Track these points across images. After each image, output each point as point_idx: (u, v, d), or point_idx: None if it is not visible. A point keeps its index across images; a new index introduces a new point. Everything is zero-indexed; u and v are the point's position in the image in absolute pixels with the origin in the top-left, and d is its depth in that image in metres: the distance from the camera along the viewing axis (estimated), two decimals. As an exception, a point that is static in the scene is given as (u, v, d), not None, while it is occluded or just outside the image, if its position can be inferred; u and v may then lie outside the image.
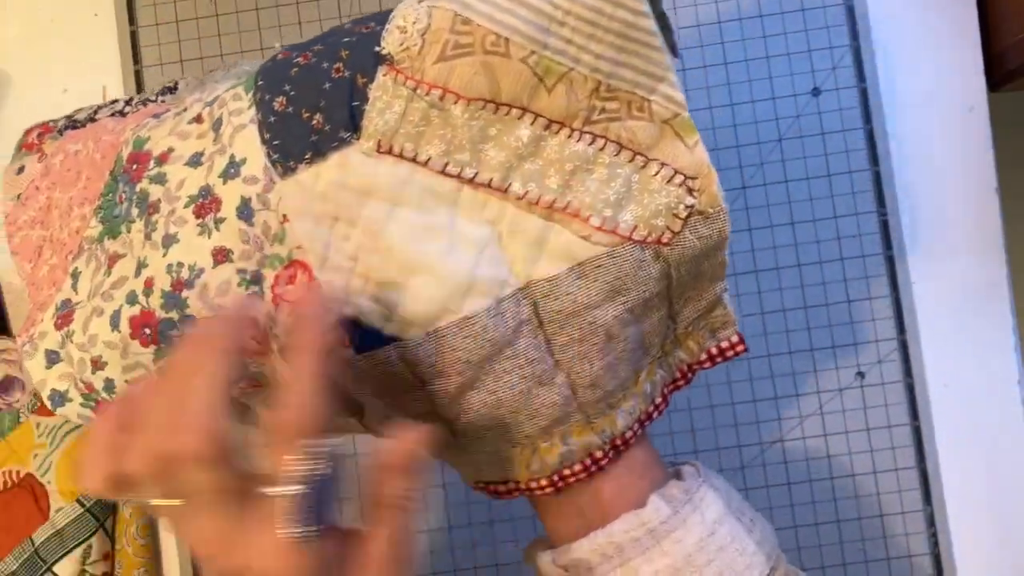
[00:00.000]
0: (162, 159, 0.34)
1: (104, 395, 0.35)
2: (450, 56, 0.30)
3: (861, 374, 0.48)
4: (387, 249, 0.31)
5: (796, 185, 0.48)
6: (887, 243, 0.48)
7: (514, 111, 0.30)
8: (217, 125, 0.33)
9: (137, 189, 0.34)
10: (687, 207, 0.31)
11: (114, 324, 0.33)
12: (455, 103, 0.30)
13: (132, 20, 0.51)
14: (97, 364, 0.34)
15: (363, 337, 0.31)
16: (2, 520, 0.49)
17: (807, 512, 0.47)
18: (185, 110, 0.35)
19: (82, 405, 0.35)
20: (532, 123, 0.30)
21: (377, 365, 0.32)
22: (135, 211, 0.34)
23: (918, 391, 0.47)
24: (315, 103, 0.31)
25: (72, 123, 0.39)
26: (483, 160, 0.31)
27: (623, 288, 0.31)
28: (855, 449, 0.48)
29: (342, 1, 0.50)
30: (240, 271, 0.31)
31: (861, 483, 0.47)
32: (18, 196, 0.39)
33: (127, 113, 0.38)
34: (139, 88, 0.51)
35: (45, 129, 0.39)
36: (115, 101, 0.39)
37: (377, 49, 0.31)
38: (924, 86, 0.48)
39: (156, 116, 0.36)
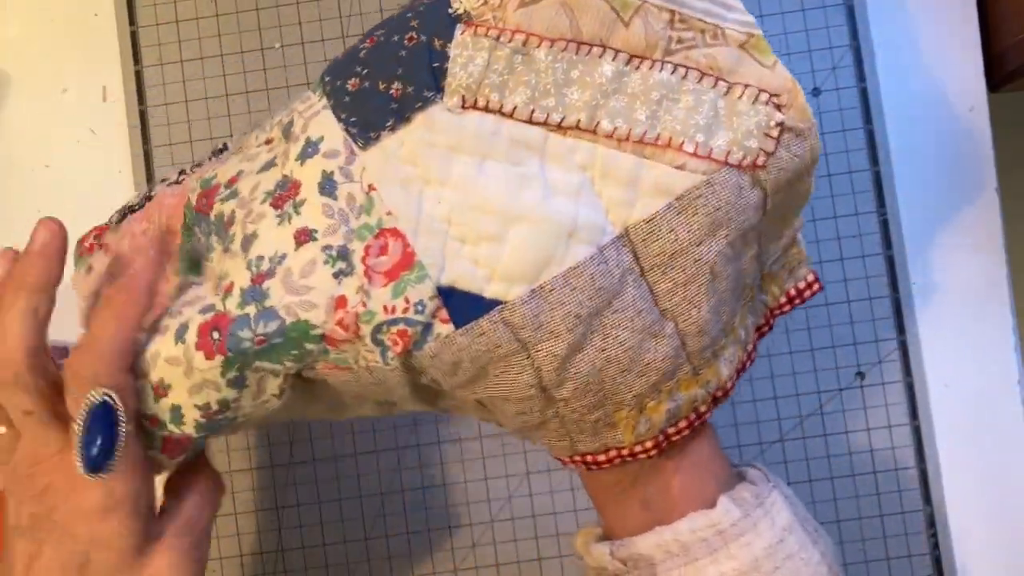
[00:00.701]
0: (231, 182, 0.33)
1: (172, 428, 0.32)
2: (530, 1, 0.31)
3: (861, 374, 0.48)
4: (482, 202, 0.30)
5: (796, 185, 0.48)
6: (887, 243, 0.48)
7: (595, 49, 0.30)
8: (288, 128, 0.32)
9: (211, 217, 0.33)
10: (777, 124, 0.30)
11: (179, 336, 0.31)
12: (538, 46, 0.30)
13: (132, 20, 0.51)
14: (159, 390, 0.31)
15: (462, 308, 0.30)
16: (2, 520, 0.49)
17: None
18: (253, 144, 0.34)
19: (147, 448, 0.32)
20: (613, 59, 0.30)
21: (478, 338, 0.30)
22: (214, 239, 0.32)
23: (918, 391, 0.47)
24: (392, 72, 0.31)
25: (128, 210, 0.36)
26: (568, 103, 0.30)
27: (724, 219, 0.30)
28: (855, 449, 0.48)
29: (342, 1, 0.50)
30: (325, 248, 0.30)
31: (861, 483, 0.47)
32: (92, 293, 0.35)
33: (182, 181, 0.36)
34: (139, 88, 0.50)
35: (99, 230, 0.36)
36: (164, 179, 0.36)
37: (450, 11, 0.31)
38: (924, 86, 0.48)
39: (220, 162, 0.35)
